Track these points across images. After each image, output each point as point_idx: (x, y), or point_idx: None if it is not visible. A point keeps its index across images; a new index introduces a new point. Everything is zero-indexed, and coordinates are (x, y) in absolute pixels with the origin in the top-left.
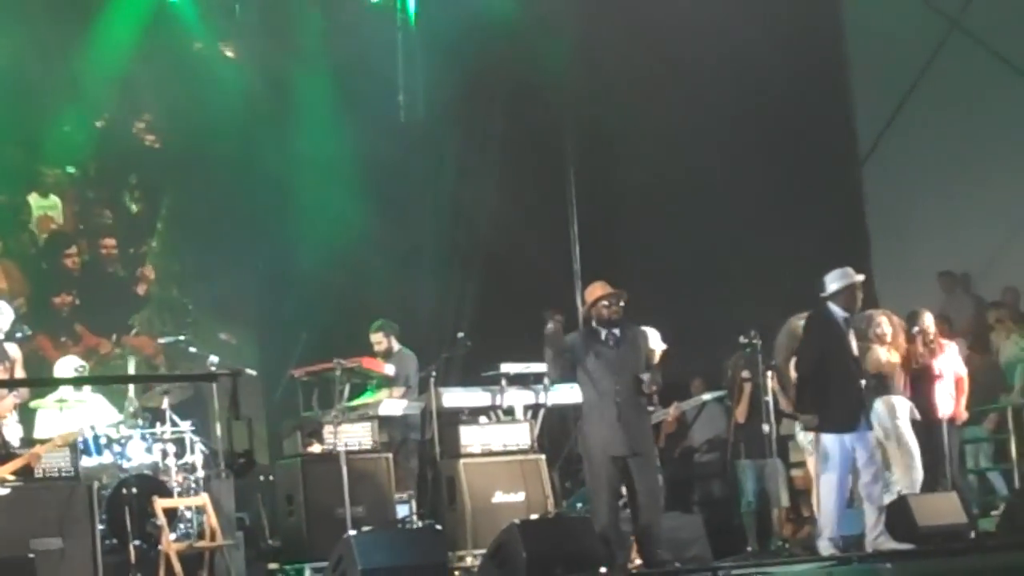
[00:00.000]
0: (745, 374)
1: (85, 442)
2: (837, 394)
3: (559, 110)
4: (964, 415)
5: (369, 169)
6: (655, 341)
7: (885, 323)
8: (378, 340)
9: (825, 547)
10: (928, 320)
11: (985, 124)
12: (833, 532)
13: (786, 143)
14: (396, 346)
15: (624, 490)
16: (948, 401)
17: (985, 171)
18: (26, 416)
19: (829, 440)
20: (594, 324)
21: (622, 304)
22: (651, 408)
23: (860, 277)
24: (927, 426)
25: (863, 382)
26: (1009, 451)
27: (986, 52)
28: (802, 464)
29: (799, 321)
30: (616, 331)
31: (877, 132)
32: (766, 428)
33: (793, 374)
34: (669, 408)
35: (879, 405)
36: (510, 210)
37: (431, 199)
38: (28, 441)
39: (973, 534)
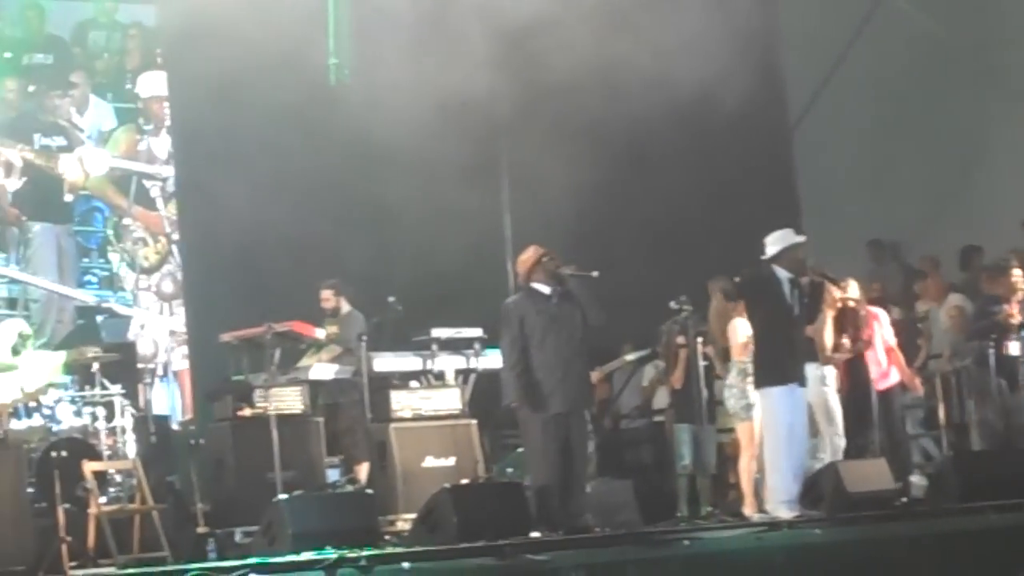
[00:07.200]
0: (680, 340)
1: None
2: (778, 350)
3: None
4: (916, 383)
5: (297, 128)
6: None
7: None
8: (326, 297)
9: (783, 511)
10: (854, 289)
11: (915, 92)
12: (790, 495)
13: (717, 110)
14: (346, 307)
15: None
16: (876, 369)
17: (914, 139)
18: None
19: (777, 394)
20: (534, 285)
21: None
22: None
23: (801, 238)
24: (856, 393)
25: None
26: (938, 417)
27: (916, 19)
28: (731, 430)
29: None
30: (559, 288)
31: (808, 99)
32: (701, 393)
33: (734, 332)
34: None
35: (810, 371)
36: (441, 173)
37: (362, 163)
38: None
39: (904, 500)
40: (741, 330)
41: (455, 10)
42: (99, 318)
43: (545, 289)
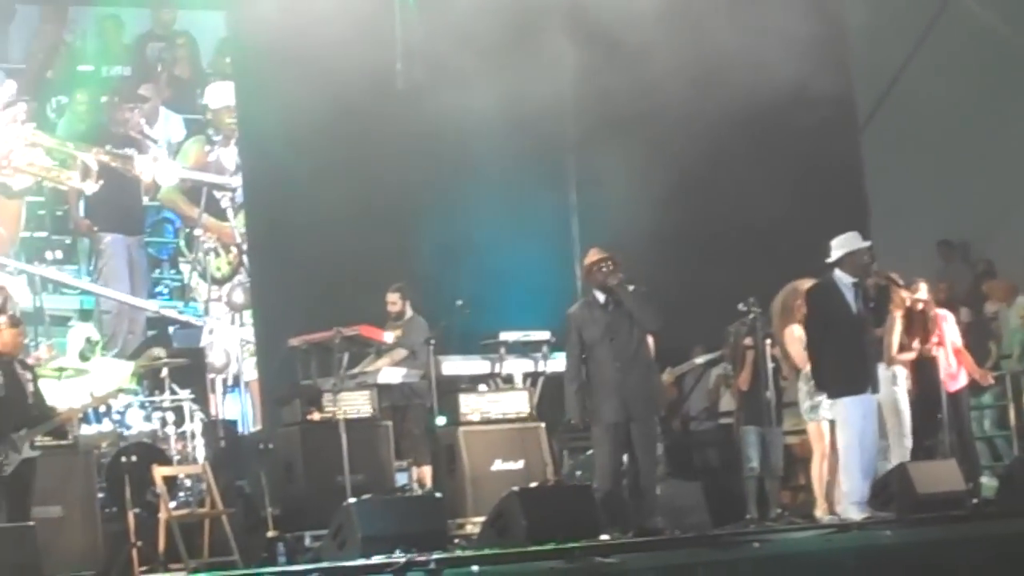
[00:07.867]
0: (747, 341)
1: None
2: (848, 358)
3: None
4: (988, 376)
5: (365, 134)
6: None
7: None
8: (393, 300)
9: (854, 512)
10: (924, 290)
11: (983, 92)
12: (862, 496)
13: (785, 111)
14: (409, 312)
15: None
16: (945, 370)
17: (984, 139)
18: None
19: (849, 403)
20: (594, 292)
21: (615, 266)
22: None
23: (865, 243)
24: (926, 394)
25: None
26: (1008, 418)
27: (984, 19)
28: (798, 432)
29: (801, 285)
30: (612, 295)
31: (876, 100)
32: (768, 395)
33: (792, 340)
34: (663, 374)
35: (879, 372)
36: (509, 176)
37: (429, 168)
38: None
39: (974, 501)
40: (800, 336)
41: (524, 13)
42: (171, 328)
43: (601, 297)
